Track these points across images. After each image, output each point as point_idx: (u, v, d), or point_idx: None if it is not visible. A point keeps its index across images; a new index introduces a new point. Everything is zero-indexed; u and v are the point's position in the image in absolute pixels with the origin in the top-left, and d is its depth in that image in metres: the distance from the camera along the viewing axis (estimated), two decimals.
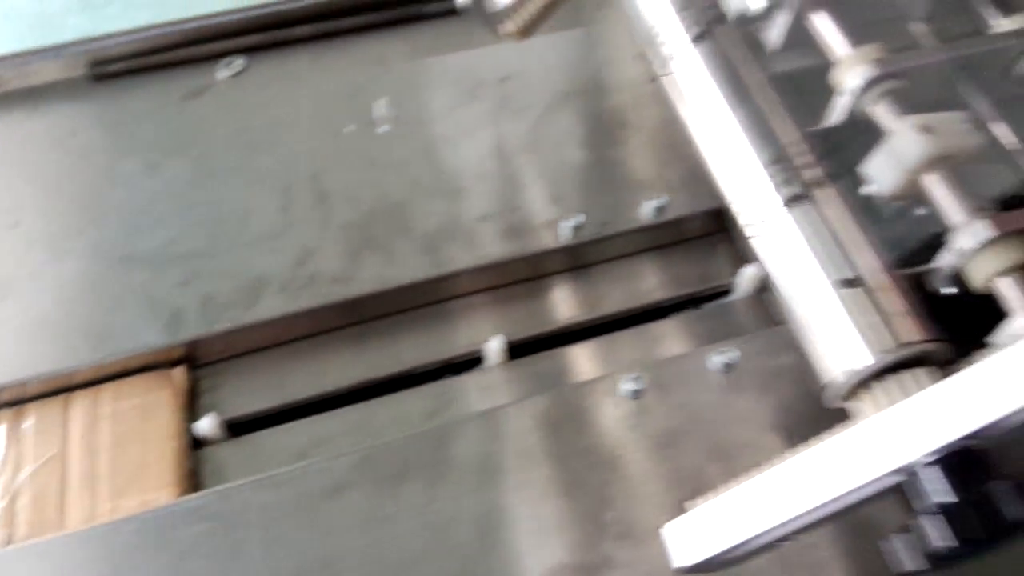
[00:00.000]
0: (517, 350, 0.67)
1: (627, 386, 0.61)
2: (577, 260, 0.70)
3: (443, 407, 0.64)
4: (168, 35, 0.78)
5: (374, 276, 0.67)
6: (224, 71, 0.78)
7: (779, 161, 0.42)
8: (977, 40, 0.64)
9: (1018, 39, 0.63)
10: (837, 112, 0.59)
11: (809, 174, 0.42)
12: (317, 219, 0.69)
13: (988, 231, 0.46)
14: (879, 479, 0.37)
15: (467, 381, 0.66)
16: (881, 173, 0.52)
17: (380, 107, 0.75)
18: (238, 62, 0.78)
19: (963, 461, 0.36)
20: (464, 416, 0.62)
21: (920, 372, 0.38)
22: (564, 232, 0.69)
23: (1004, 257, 0.45)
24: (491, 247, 0.68)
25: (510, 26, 0.66)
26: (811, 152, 0.42)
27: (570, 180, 0.72)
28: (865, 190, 0.53)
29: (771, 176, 0.43)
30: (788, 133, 0.43)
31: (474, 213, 0.70)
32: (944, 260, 0.47)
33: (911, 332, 0.38)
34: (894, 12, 0.69)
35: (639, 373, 0.62)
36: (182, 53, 0.78)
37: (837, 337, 0.40)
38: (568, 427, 0.60)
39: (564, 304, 0.69)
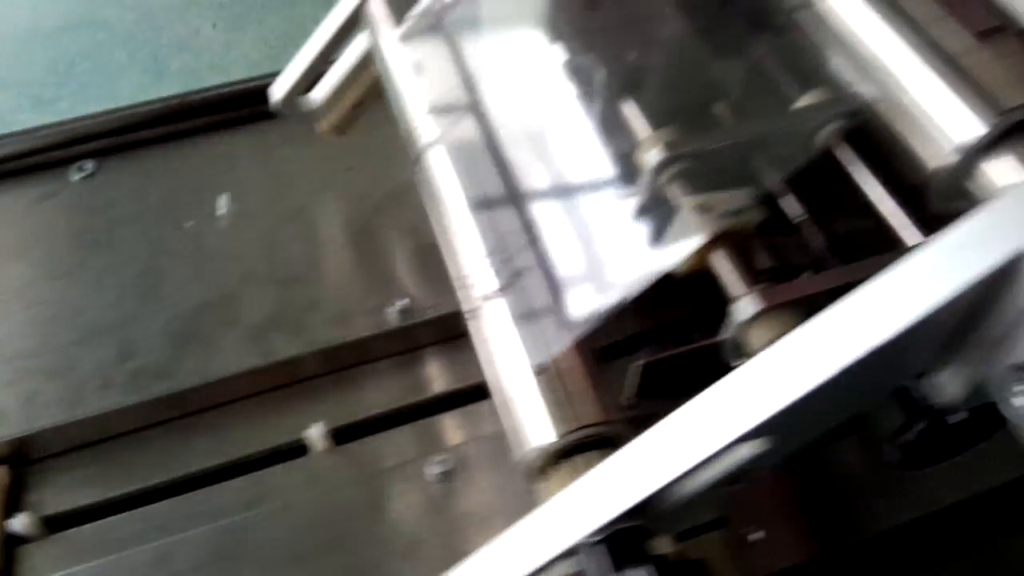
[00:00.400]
0: (343, 435, 0.68)
1: (434, 469, 0.62)
2: (405, 344, 0.71)
3: (262, 497, 0.65)
4: (23, 142, 0.81)
5: (198, 369, 0.68)
6: (76, 174, 0.81)
7: (494, 252, 0.44)
8: (773, 119, 0.67)
9: (812, 114, 0.66)
10: (642, 192, 0.61)
11: (516, 264, 0.44)
12: (146, 314, 0.71)
13: (758, 304, 0.47)
14: (555, 560, 0.37)
15: (290, 470, 0.66)
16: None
17: (222, 202, 0.78)
18: (89, 165, 0.81)
19: (626, 541, 0.37)
20: (273, 508, 0.63)
21: (594, 454, 0.39)
22: (391, 317, 0.70)
23: (773, 329, 0.47)
24: (317, 334, 0.70)
25: (324, 125, 0.68)
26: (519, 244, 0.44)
27: (401, 265, 0.74)
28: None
29: (486, 266, 0.45)
30: (505, 224, 0.45)
31: (303, 302, 0.72)
32: (725, 333, 0.48)
33: (589, 415, 0.40)
34: (704, 96, 0.72)
35: (446, 456, 0.62)
36: (37, 159, 0.81)
37: (524, 419, 0.41)
38: (372, 514, 0.61)
39: (390, 388, 0.70)
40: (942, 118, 0.32)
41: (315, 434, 0.66)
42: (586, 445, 0.39)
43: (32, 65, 1.98)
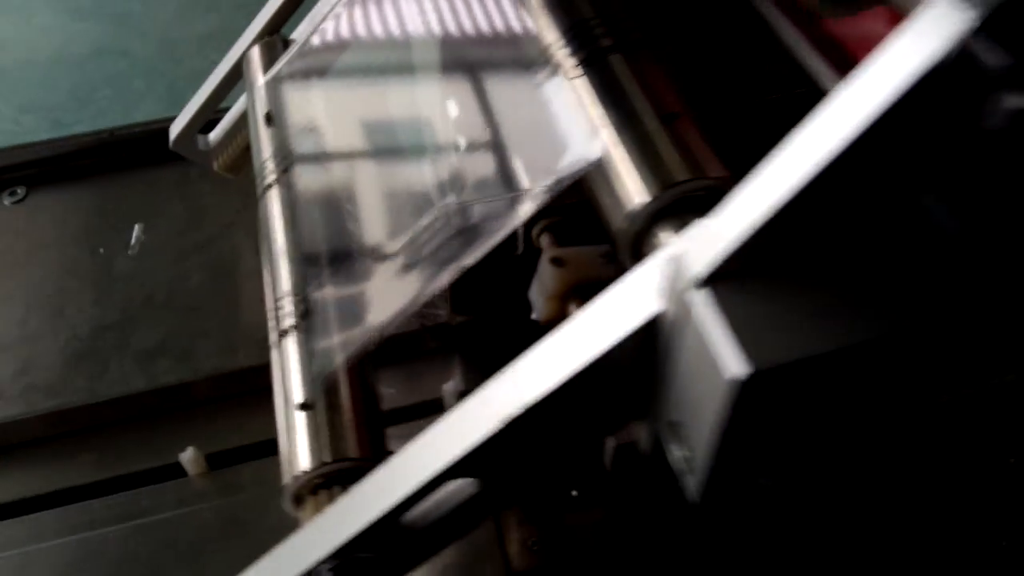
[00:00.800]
0: (219, 460, 0.71)
1: None
2: None
3: (131, 514, 0.67)
4: None
5: (85, 388, 0.71)
6: (7, 199, 0.86)
7: (293, 292, 0.48)
8: None
9: None
10: (520, 242, 0.65)
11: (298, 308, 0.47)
12: (48, 333, 0.75)
13: None
14: None
15: (163, 490, 0.69)
16: (535, 300, 0.57)
17: (135, 232, 0.82)
18: (20, 190, 0.86)
19: (357, 570, 0.39)
20: (136, 525, 0.66)
21: (338, 489, 0.41)
22: None
23: None
24: (204, 362, 0.73)
25: (218, 164, 0.73)
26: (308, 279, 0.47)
27: None
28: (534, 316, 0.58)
29: (286, 303, 0.48)
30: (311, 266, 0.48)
31: (194, 330, 0.75)
32: None
33: (343, 451, 0.43)
34: None
35: None
36: None
37: (287, 450, 0.44)
38: (231, 537, 0.63)
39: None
40: (626, 184, 0.35)
41: (187, 458, 0.69)
42: (336, 478, 0.42)
43: (56, 90, 2.07)
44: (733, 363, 0.26)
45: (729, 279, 0.27)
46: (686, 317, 0.28)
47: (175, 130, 0.70)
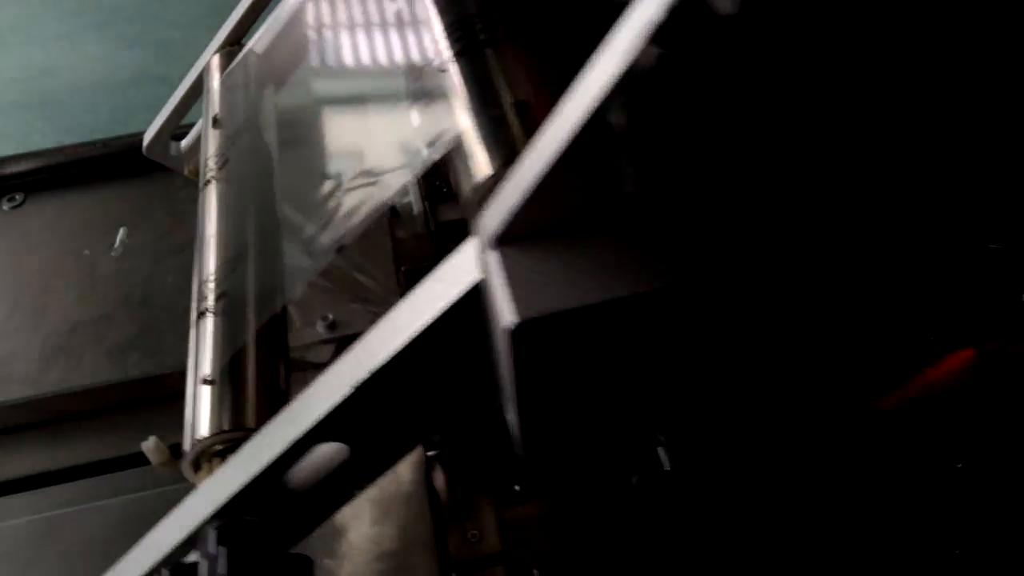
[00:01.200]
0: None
1: None
2: None
3: (92, 499, 0.71)
4: None
5: (58, 380, 0.75)
6: (6, 204, 0.91)
7: (203, 282, 0.51)
8: None
9: None
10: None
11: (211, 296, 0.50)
12: (29, 328, 0.79)
13: None
14: (185, 544, 0.42)
15: (127, 477, 0.73)
16: None
17: (119, 235, 0.87)
18: (18, 196, 0.91)
19: (240, 530, 0.42)
20: (93, 508, 0.69)
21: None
22: None
23: None
24: (170, 356, 0.77)
25: (188, 169, 0.77)
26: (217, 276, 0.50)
27: None
28: None
29: (208, 287, 0.51)
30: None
31: (164, 326, 0.79)
32: None
33: (239, 423, 0.45)
34: None
35: None
36: None
37: (188, 420, 0.47)
38: None
39: None
40: (476, 160, 0.37)
41: (149, 447, 0.72)
42: (233, 447, 0.44)
43: (97, 114, 2.16)
44: (507, 314, 0.28)
45: (516, 241, 0.29)
46: (487, 279, 0.30)
47: (148, 137, 0.75)
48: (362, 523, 0.67)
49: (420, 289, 0.35)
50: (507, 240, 0.29)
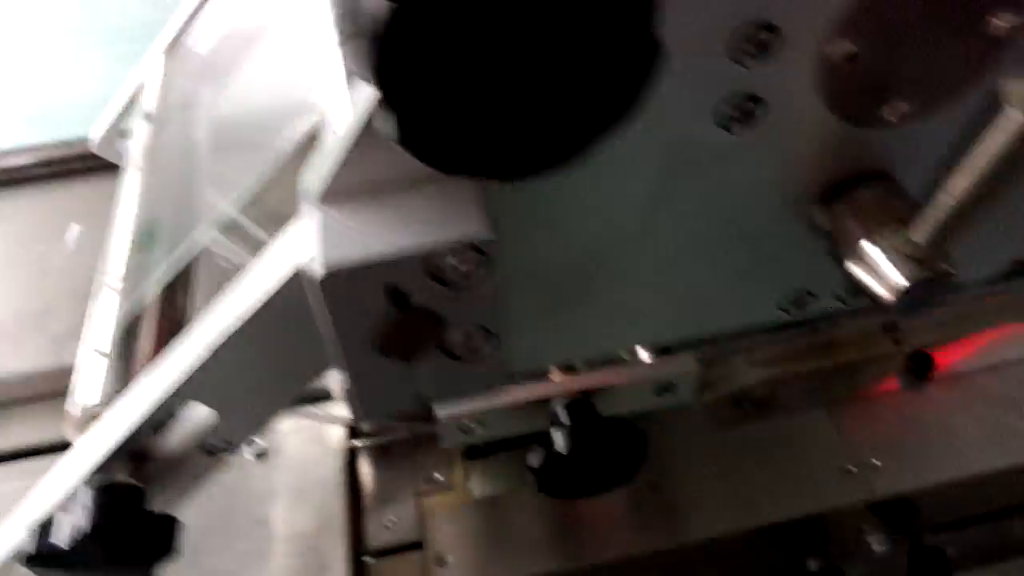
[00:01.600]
0: None
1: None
2: None
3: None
4: None
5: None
6: None
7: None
8: None
9: None
10: None
11: None
12: None
13: None
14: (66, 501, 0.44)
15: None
16: None
17: (73, 231, 0.90)
18: None
19: (117, 492, 0.44)
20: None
21: None
22: None
23: None
24: None
25: None
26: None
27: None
28: None
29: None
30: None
31: None
32: None
33: None
34: None
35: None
36: None
37: (78, 384, 0.49)
38: None
39: None
40: None
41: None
42: None
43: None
44: (317, 266, 0.30)
45: (333, 201, 0.32)
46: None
47: (96, 135, 0.78)
48: (278, 506, 0.68)
49: (266, 253, 0.38)
50: (323, 200, 0.32)
